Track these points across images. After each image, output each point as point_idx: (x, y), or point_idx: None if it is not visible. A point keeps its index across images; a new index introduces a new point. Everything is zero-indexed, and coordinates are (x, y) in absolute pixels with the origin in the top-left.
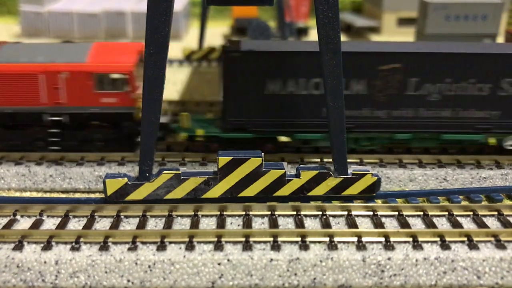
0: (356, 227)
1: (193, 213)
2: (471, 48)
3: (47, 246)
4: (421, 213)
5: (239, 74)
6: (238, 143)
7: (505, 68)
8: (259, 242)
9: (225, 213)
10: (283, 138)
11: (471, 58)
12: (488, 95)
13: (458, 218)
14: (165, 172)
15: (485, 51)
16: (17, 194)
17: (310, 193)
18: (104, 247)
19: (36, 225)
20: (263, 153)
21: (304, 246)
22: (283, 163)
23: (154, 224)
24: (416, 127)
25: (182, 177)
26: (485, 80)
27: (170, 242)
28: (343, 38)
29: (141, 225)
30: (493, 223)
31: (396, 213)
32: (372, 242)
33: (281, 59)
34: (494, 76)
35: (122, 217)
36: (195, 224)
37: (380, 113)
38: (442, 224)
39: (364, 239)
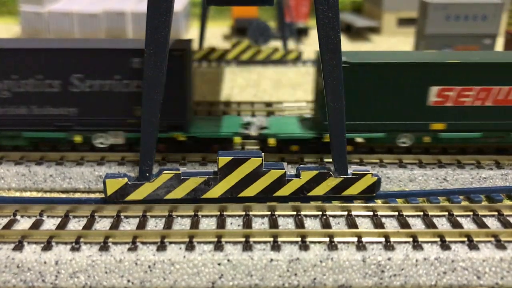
0: (356, 227)
1: (193, 213)
2: (35, 44)
3: (47, 246)
4: (421, 213)
5: None
6: None
7: (74, 63)
8: (259, 242)
9: (225, 213)
10: None
11: (36, 54)
12: (60, 91)
13: (458, 218)
14: (165, 172)
15: (50, 47)
16: (17, 194)
17: (310, 193)
18: (104, 247)
19: (36, 225)
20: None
21: (304, 246)
22: (283, 163)
23: (154, 224)
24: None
25: (182, 177)
26: (53, 76)
27: (170, 242)
28: (342, 38)
29: (141, 225)
30: (493, 223)
31: (396, 213)
32: (372, 242)
33: None
34: (63, 72)
35: (122, 217)
36: (195, 224)
37: None
38: (442, 224)
39: (364, 239)
